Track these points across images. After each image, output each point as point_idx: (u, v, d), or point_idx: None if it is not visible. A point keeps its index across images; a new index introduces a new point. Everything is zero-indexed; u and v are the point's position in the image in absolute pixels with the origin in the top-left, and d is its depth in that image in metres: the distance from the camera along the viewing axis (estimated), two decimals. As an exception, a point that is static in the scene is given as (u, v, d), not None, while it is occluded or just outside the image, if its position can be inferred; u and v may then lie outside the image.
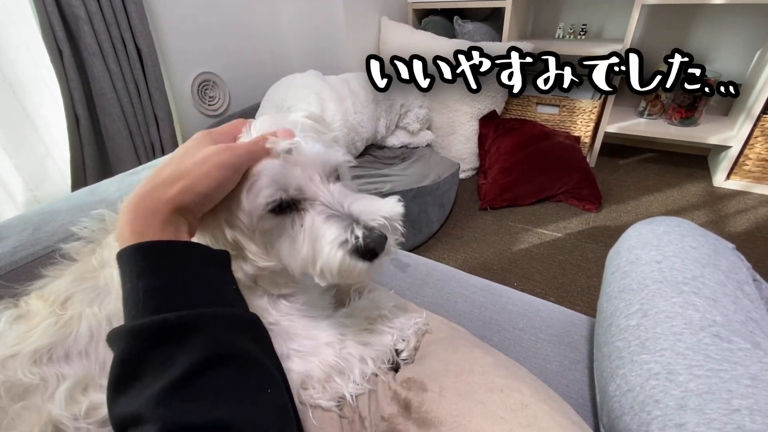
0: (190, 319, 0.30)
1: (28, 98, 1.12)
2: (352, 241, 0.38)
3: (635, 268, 0.50)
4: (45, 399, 0.35)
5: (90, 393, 0.36)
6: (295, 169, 0.40)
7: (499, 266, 1.37)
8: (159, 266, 0.31)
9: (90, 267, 0.43)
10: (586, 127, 1.83)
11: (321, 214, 0.40)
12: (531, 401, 0.41)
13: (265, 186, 0.38)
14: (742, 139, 1.58)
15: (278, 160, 0.39)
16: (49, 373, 0.36)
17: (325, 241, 0.38)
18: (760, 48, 1.66)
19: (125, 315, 0.31)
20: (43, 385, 0.36)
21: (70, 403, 0.35)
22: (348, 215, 0.39)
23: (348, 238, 0.38)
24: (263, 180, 0.38)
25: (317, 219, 0.40)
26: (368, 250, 0.38)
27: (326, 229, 0.39)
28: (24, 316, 0.40)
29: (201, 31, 1.49)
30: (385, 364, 0.49)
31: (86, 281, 0.42)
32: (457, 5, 1.93)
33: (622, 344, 0.45)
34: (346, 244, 0.38)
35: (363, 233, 0.38)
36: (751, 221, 1.49)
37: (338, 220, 0.39)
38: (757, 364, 0.38)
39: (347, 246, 0.38)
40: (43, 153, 1.18)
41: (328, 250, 0.38)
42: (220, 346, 0.30)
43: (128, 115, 1.27)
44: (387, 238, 0.40)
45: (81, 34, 1.13)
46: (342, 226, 0.39)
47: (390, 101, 1.56)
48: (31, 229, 0.55)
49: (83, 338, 0.38)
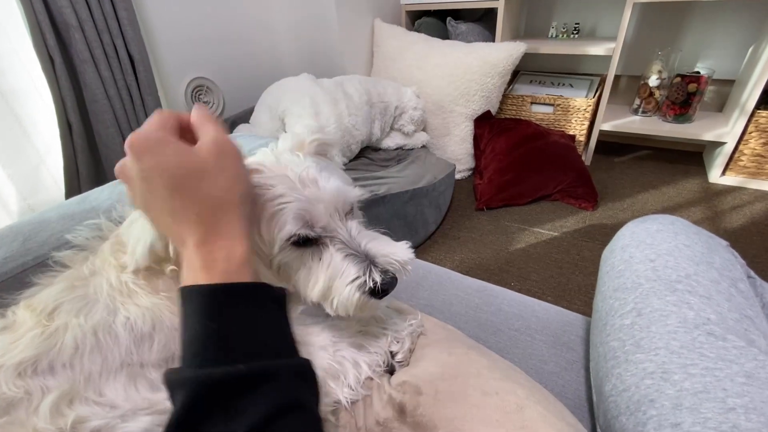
0: (261, 372, 0.29)
1: (21, 106, 1.12)
2: (369, 283, 0.40)
3: (629, 267, 0.50)
4: (30, 412, 0.34)
5: (76, 406, 0.36)
6: (319, 205, 0.41)
7: (496, 266, 1.37)
8: (234, 311, 0.30)
9: (81, 275, 0.43)
10: (581, 126, 1.83)
11: (340, 251, 0.42)
12: (526, 403, 0.40)
13: (290, 220, 0.40)
14: (737, 135, 1.59)
15: (303, 195, 0.41)
16: (34, 386, 0.35)
17: (344, 280, 0.41)
18: (752, 44, 1.67)
19: (188, 353, 0.29)
20: (28, 399, 0.35)
21: (56, 416, 0.34)
22: (365, 255, 0.42)
23: (366, 280, 0.41)
24: (288, 214, 0.40)
25: (336, 256, 0.42)
26: (382, 291, 0.41)
27: (345, 268, 0.41)
28: (9, 327, 0.39)
29: (194, 35, 1.48)
30: (380, 367, 0.49)
31: (76, 290, 0.41)
32: (450, 6, 1.93)
33: (617, 344, 0.45)
34: (364, 285, 0.41)
35: (380, 277, 0.41)
36: (747, 217, 1.49)
37: (356, 260, 0.42)
38: (752, 361, 0.38)
39: (364, 287, 0.41)
40: (37, 161, 1.17)
41: (346, 289, 0.41)
42: (285, 397, 0.29)
43: (121, 121, 1.26)
44: (398, 280, 0.42)
45: (72, 41, 1.12)
46: (360, 267, 0.41)
47: (384, 103, 1.56)
48: (21, 239, 0.55)
49: (68, 350, 0.37)
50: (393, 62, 1.86)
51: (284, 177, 0.41)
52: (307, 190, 0.41)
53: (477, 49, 1.71)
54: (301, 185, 0.41)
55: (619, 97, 2.04)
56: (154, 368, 0.40)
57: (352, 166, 1.44)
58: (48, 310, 0.39)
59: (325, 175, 0.43)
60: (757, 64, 1.51)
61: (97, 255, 0.45)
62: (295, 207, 0.40)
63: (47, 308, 0.39)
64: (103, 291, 0.41)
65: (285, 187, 0.41)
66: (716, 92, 1.85)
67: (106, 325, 0.39)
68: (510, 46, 1.66)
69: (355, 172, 1.39)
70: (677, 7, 1.77)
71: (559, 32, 2.02)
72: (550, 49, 1.83)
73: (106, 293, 0.41)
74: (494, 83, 1.72)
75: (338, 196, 0.43)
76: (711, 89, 1.82)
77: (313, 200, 0.41)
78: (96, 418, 0.35)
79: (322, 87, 1.40)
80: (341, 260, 0.42)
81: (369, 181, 1.35)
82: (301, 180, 0.42)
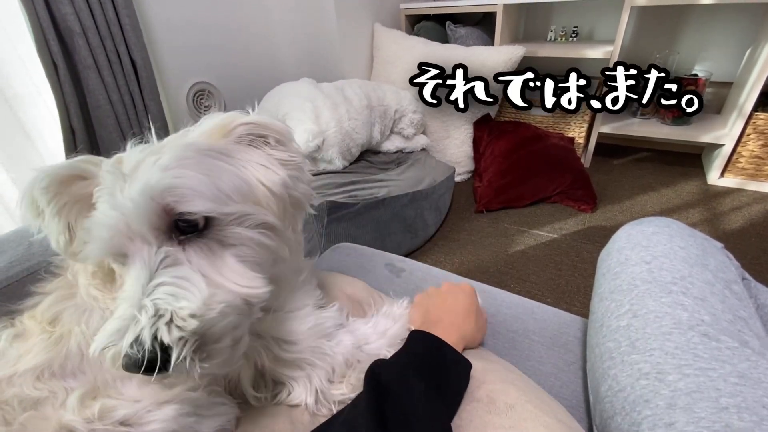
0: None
1: (24, 112, 1.13)
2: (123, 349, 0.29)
3: (625, 269, 0.51)
4: (56, 407, 0.35)
5: (100, 399, 0.36)
6: (121, 222, 0.31)
7: (496, 268, 1.38)
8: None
9: (68, 282, 0.43)
10: (580, 128, 1.84)
11: (123, 288, 0.33)
12: (517, 402, 0.41)
13: (90, 239, 0.33)
14: (735, 136, 1.60)
15: (107, 205, 0.32)
16: (56, 386, 0.36)
17: (103, 331, 0.31)
18: (750, 46, 1.68)
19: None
20: (53, 396, 0.36)
21: (82, 408, 0.35)
22: (138, 304, 0.30)
23: (119, 335, 0.29)
24: (89, 231, 0.33)
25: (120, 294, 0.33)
26: (125, 366, 0.29)
27: (114, 312, 0.31)
28: (21, 335, 0.40)
29: (195, 41, 1.50)
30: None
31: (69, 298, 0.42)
32: (449, 10, 1.94)
33: (612, 345, 0.46)
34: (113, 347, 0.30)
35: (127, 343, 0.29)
36: (746, 218, 1.50)
37: (123, 308, 0.31)
38: (745, 362, 0.38)
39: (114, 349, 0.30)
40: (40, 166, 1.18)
41: (98, 339, 0.31)
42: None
43: (124, 126, 1.27)
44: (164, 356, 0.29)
45: (76, 47, 1.14)
46: (120, 320, 0.30)
47: (384, 107, 1.57)
48: (27, 243, 0.56)
49: (75, 357, 0.38)
50: (393, 66, 1.87)
51: (115, 175, 0.33)
52: (118, 198, 0.32)
53: (476, 53, 1.73)
54: (119, 190, 0.32)
55: (618, 100, 2.05)
56: None
57: (352, 169, 1.45)
58: (48, 319, 0.40)
59: (150, 177, 0.32)
60: (755, 66, 1.52)
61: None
62: (96, 221, 0.32)
63: (46, 317, 0.40)
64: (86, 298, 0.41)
65: (106, 189, 0.33)
66: (714, 94, 1.86)
67: None
68: (509, 50, 1.68)
69: (356, 175, 1.40)
70: (675, 10, 1.78)
71: (558, 35, 2.03)
72: (548, 52, 1.84)
73: (88, 300, 0.41)
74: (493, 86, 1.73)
75: (143, 211, 0.31)
76: (709, 91, 1.83)
77: (118, 213, 0.32)
78: (122, 408, 0.36)
79: (322, 91, 1.41)
80: (117, 302, 0.32)
81: (369, 183, 1.36)
82: (124, 182, 0.32)
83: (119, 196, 0.32)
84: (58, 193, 0.36)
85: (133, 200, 0.31)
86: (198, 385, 0.40)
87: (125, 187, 0.32)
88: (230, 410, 0.43)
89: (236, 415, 0.45)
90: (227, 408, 0.43)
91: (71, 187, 0.36)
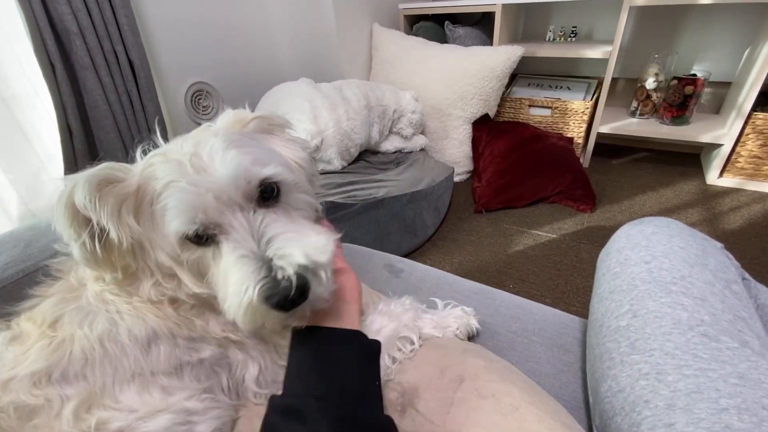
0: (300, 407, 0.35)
1: (22, 112, 1.13)
2: (251, 294, 0.33)
3: (625, 269, 0.51)
4: (52, 418, 0.35)
5: (95, 411, 0.36)
6: (208, 195, 0.35)
7: (495, 269, 1.37)
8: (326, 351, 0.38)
9: (71, 286, 0.43)
10: (579, 128, 1.84)
11: (233, 252, 0.36)
12: (521, 404, 0.41)
13: (175, 216, 0.35)
14: (734, 136, 1.60)
15: (186, 184, 0.35)
16: (52, 394, 0.36)
17: (231, 286, 0.35)
18: (748, 46, 1.68)
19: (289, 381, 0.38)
20: (48, 405, 0.36)
21: (77, 421, 0.35)
22: (261, 256, 0.35)
23: (252, 286, 0.33)
24: (171, 211, 0.35)
25: (228, 258, 0.36)
26: (278, 302, 0.34)
27: (235, 272, 0.35)
28: (18, 338, 0.40)
29: (193, 41, 1.49)
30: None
31: (71, 301, 0.41)
32: (448, 10, 1.94)
33: (612, 345, 0.46)
34: (252, 292, 0.33)
35: (268, 284, 0.33)
36: (745, 218, 1.50)
37: (249, 262, 0.35)
38: (745, 362, 0.38)
39: (261, 296, 0.33)
40: (38, 166, 1.18)
41: (234, 299, 0.34)
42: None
43: (122, 127, 1.27)
44: (305, 285, 0.34)
45: (73, 47, 1.13)
46: (250, 270, 0.34)
47: (383, 107, 1.57)
48: (23, 245, 0.55)
49: (78, 361, 0.38)
50: (391, 66, 1.87)
51: (177, 163, 0.36)
52: (195, 177, 0.35)
53: (475, 53, 1.73)
54: (193, 171, 0.36)
55: (617, 100, 2.05)
56: (165, 376, 0.40)
57: (351, 170, 1.44)
58: (48, 322, 0.40)
59: (228, 155, 0.36)
60: (754, 66, 1.52)
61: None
62: (178, 200, 0.35)
63: (47, 320, 0.40)
64: (92, 301, 0.41)
65: (173, 175, 0.35)
66: (713, 94, 1.86)
67: (112, 336, 0.39)
68: (508, 50, 1.68)
69: (354, 175, 1.40)
70: (673, 10, 1.78)
71: (557, 35, 2.03)
72: (547, 53, 1.84)
73: (95, 303, 0.41)
74: (492, 86, 1.73)
75: (234, 181, 0.36)
76: (708, 91, 1.83)
77: (201, 189, 0.35)
78: (117, 420, 0.36)
79: (320, 91, 1.41)
80: (233, 263, 0.35)
81: (368, 184, 1.36)
82: (194, 165, 0.36)
83: (203, 176, 0.35)
84: (102, 195, 0.36)
85: (227, 175, 0.35)
86: (193, 394, 0.41)
87: (209, 167, 0.36)
88: (224, 413, 0.43)
89: (231, 418, 0.45)
90: (221, 412, 0.43)
91: (112, 189, 0.37)
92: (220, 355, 0.45)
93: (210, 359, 0.44)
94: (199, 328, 0.42)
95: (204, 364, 0.44)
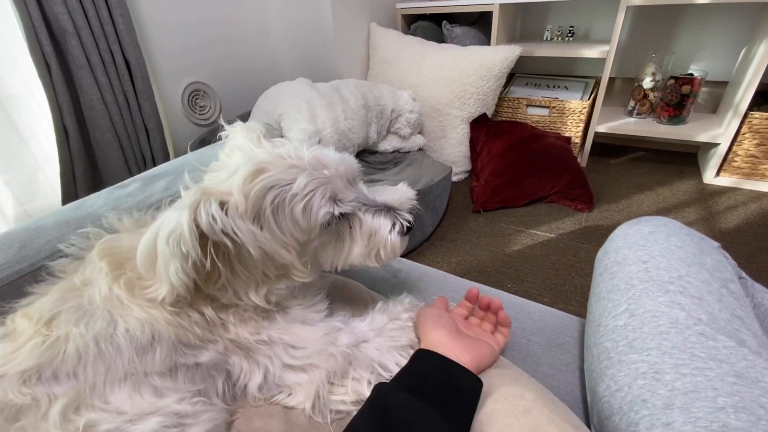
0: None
1: (17, 112, 1.12)
2: (404, 225, 0.48)
3: (622, 269, 0.51)
4: (38, 419, 0.35)
5: (83, 412, 0.36)
6: (337, 181, 0.45)
7: (493, 268, 1.37)
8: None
9: (74, 285, 0.43)
10: (577, 128, 1.84)
11: (367, 213, 0.47)
12: (533, 406, 0.41)
13: (323, 204, 0.43)
14: (730, 135, 1.60)
15: (323, 178, 0.44)
16: (40, 393, 0.36)
17: (384, 232, 0.47)
18: (745, 46, 1.68)
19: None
20: (35, 405, 0.35)
21: (65, 422, 0.35)
22: (383, 207, 0.48)
23: (401, 223, 0.48)
24: (317, 198, 0.43)
25: (366, 218, 0.47)
26: (410, 228, 0.48)
27: (379, 223, 0.47)
28: (9, 335, 0.39)
29: (190, 40, 1.49)
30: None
31: (70, 300, 0.41)
32: (446, 10, 1.94)
33: (610, 344, 0.46)
34: (402, 228, 0.48)
35: (409, 217, 0.49)
36: (741, 217, 1.50)
37: (382, 213, 0.48)
38: (742, 361, 0.38)
39: (401, 229, 0.48)
40: (33, 167, 1.17)
41: (389, 238, 0.47)
42: None
43: (118, 126, 1.26)
44: (415, 216, 0.50)
45: (69, 47, 1.13)
46: (389, 217, 0.48)
47: (381, 107, 1.57)
48: (18, 246, 0.55)
49: (71, 359, 0.37)
50: (389, 66, 1.87)
51: (297, 167, 0.43)
52: (323, 172, 0.44)
53: (473, 53, 1.72)
54: (314, 169, 0.43)
55: (614, 99, 2.06)
56: (159, 376, 0.40)
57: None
58: (45, 320, 0.39)
59: (326, 152, 0.46)
60: (750, 65, 1.52)
61: (86, 265, 0.45)
62: (322, 191, 0.43)
63: (44, 317, 0.39)
64: (97, 302, 0.41)
65: (305, 176, 0.42)
66: (710, 94, 1.87)
67: (107, 336, 0.39)
68: (505, 49, 1.68)
69: (352, 176, 1.40)
70: (670, 10, 1.79)
71: (554, 35, 2.03)
72: (545, 52, 1.84)
73: (100, 304, 0.41)
74: (490, 86, 1.73)
75: (347, 167, 0.47)
76: (704, 91, 1.84)
77: (332, 178, 0.44)
78: (105, 422, 0.36)
79: (318, 91, 1.40)
80: (372, 219, 0.47)
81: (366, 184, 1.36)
82: (312, 164, 0.44)
83: (329, 170, 0.44)
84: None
85: (350, 168, 0.48)
86: (185, 396, 0.41)
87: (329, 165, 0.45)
88: (218, 416, 0.43)
89: (225, 420, 0.44)
90: (213, 414, 0.43)
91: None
92: (219, 361, 0.45)
93: (207, 363, 0.44)
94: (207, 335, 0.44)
95: (200, 368, 0.44)
